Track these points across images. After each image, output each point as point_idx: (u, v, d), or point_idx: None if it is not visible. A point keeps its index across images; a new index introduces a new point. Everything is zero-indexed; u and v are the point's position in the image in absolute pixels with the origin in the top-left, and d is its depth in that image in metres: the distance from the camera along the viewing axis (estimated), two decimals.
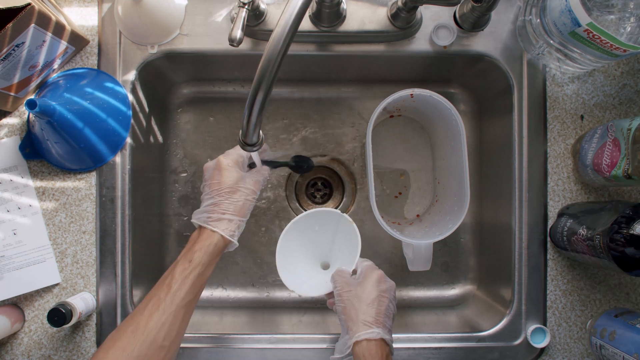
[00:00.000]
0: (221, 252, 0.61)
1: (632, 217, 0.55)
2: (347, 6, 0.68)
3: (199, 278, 0.58)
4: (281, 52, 0.45)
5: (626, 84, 0.70)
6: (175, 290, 0.56)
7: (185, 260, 0.58)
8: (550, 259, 0.70)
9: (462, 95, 0.84)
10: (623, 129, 0.59)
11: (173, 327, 0.55)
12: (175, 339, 0.55)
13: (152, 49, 0.70)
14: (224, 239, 0.60)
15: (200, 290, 0.59)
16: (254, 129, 0.51)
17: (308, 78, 0.83)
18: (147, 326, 0.53)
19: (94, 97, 0.67)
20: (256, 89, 0.46)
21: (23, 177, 0.69)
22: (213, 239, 0.60)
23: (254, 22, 0.68)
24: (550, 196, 0.70)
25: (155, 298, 0.56)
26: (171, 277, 0.57)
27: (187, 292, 0.56)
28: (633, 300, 0.70)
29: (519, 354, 0.69)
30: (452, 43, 0.69)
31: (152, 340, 0.53)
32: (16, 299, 0.69)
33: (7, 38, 0.57)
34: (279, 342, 0.70)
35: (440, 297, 0.84)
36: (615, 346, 0.62)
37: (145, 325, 0.53)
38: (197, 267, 0.58)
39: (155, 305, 0.55)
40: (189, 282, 0.57)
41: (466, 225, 0.84)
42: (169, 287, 0.56)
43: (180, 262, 0.58)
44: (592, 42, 0.57)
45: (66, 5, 0.71)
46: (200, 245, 0.59)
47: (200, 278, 0.58)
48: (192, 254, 0.59)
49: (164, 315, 0.54)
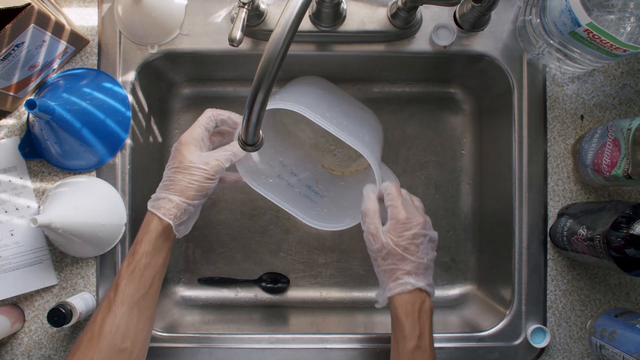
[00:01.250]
0: (168, 238, 0.57)
1: (632, 217, 0.55)
2: (347, 6, 0.68)
3: (147, 270, 0.54)
4: (281, 52, 0.45)
5: (626, 84, 0.70)
6: (123, 289, 0.53)
7: (130, 254, 0.55)
8: (550, 259, 0.70)
9: (462, 95, 0.84)
10: (623, 129, 0.59)
11: (130, 327, 0.52)
12: (136, 339, 0.53)
13: (152, 49, 0.70)
14: (162, 221, 0.55)
15: (155, 282, 0.55)
16: (254, 129, 0.51)
17: None
18: (102, 332, 0.51)
19: (94, 97, 0.67)
20: (256, 89, 0.46)
21: (22, 177, 0.69)
22: (153, 224, 0.55)
23: (254, 22, 0.68)
24: (550, 196, 0.70)
25: (106, 300, 0.53)
26: (118, 275, 0.54)
27: (137, 288, 0.53)
28: (633, 300, 0.70)
29: (519, 354, 0.69)
30: (452, 43, 0.69)
31: (110, 346, 0.51)
32: (16, 299, 0.69)
33: (6, 38, 0.57)
34: (279, 342, 0.69)
35: (440, 297, 0.84)
36: (615, 346, 0.62)
37: (99, 332, 0.51)
38: (141, 258, 0.54)
39: (106, 308, 0.52)
40: (137, 277, 0.53)
41: (466, 225, 0.84)
42: (116, 286, 0.53)
43: (126, 257, 0.55)
44: (592, 42, 0.57)
45: (66, 5, 0.70)
46: (142, 233, 0.55)
47: (148, 269, 0.54)
48: (135, 245, 0.55)
49: (116, 317, 0.52)
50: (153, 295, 0.55)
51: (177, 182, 0.56)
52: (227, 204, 0.84)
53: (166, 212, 0.55)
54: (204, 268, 0.84)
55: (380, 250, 0.56)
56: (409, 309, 0.54)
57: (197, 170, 0.57)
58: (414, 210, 0.58)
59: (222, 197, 0.84)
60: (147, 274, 0.54)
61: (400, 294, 0.55)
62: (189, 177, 0.57)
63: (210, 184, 0.58)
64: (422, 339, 0.54)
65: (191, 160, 0.57)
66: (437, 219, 0.84)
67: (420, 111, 0.85)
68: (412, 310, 0.54)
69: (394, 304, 0.55)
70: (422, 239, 0.56)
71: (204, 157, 0.58)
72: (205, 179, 0.57)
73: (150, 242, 0.55)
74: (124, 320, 0.52)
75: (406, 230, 0.56)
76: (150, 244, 0.55)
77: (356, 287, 0.84)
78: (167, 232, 0.56)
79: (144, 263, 0.54)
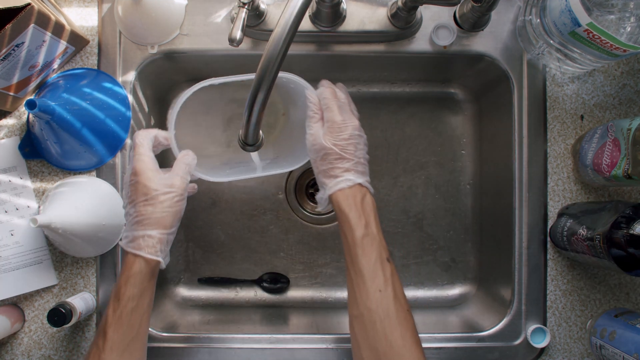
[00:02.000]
0: (153, 275, 0.55)
1: (632, 217, 0.55)
2: (347, 6, 0.68)
3: (134, 313, 0.52)
4: (281, 52, 0.45)
5: (626, 84, 0.70)
6: (111, 336, 0.51)
7: (115, 300, 0.53)
8: (550, 259, 0.70)
9: (462, 95, 0.84)
10: (623, 129, 0.59)
11: None
12: None
13: (152, 49, 0.70)
14: (148, 261, 0.53)
15: (143, 323, 0.54)
16: (254, 129, 0.51)
17: (308, 78, 0.83)
18: None
19: (94, 97, 0.67)
20: (256, 89, 0.46)
21: (22, 177, 0.69)
22: (137, 266, 0.53)
23: (254, 22, 0.68)
24: (550, 196, 0.70)
25: (95, 349, 0.52)
26: (104, 321, 0.52)
27: (125, 332, 0.52)
28: (633, 300, 0.70)
29: (519, 354, 0.69)
30: (452, 43, 0.69)
31: None
32: (16, 298, 0.69)
33: (6, 38, 0.57)
34: (278, 342, 0.69)
35: (440, 297, 0.84)
36: (615, 346, 0.62)
37: None
38: (127, 303, 0.52)
39: (95, 356, 0.51)
40: (125, 322, 0.52)
41: (466, 225, 0.84)
42: (104, 333, 0.52)
43: (111, 301, 0.53)
44: (592, 42, 0.57)
45: (66, 5, 0.70)
46: (126, 276, 0.53)
47: (136, 313, 0.53)
48: (118, 289, 0.53)
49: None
50: (142, 336, 0.54)
51: (149, 215, 0.54)
52: (227, 204, 0.84)
53: (150, 250, 0.53)
54: (203, 268, 0.84)
55: (319, 151, 0.58)
56: (352, 202, 0.55)
57: (166, 196, 0.55)
58: (349, 113, 0.60)
59: (222, 197, 0.84)
60: (134, 318, 0.52)
61: (341, 189, 0.56)
62: (161, 205, 0.54)
63: (183, 205, 0.57)
64: (369, 227, 0.54)
65: (156, 188, 0.55)
66: (437, 219, 0.85)
67: (420, 111, 0.85)
68: (354, 202, 0.55)
69: (336, 200, 0.56)
70: (357, 139, 0.58)
71: (166, 180, 0.56)
72: (177, 202, 0.56)
73: (135, 285, 0.53)
74: None
75: (342, 131, 0.57)
76: (136, 286, 0.53)
77: None
78: (153, 270, 0.55)
79: (130, 307, 0.52)
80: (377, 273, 0.52)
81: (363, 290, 0.52)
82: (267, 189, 0.84)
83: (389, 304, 0.51)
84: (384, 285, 0.52)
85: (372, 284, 0.52)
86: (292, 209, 0.84)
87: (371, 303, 0.51)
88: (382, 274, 0.53)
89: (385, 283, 0.52)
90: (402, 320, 0.51)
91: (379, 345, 0.50)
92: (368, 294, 0.52)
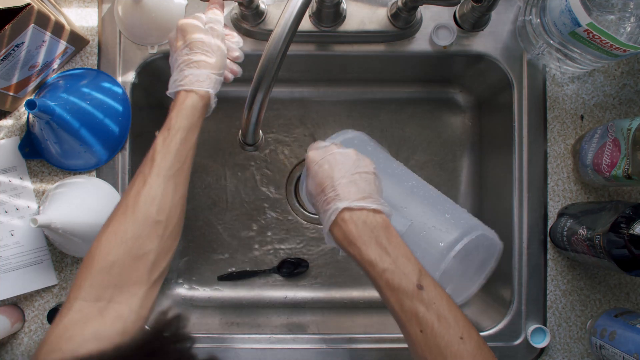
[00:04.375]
0: (203, 113, 0.56)
1: (632, 217, 0.55)
2: (347, 6, 0.68)
3: (183, 144, 0.53)
4: (281, 52, 0.45)
5: (626, 84, 0.70)
6: (159, 162, 0.51)
7: (165, 129, 0.53)
8: (550, 259, 0.70)
9: (462, 95, 0.84)
10: (623, 129, 0.59)
11: (165, 200, 0.51)
12: (170, 213, 0.52)
13: (152, 49, 0.70)
14: (200, 95, 0.55)
15: (188, 158, 0.54)
16: (253, 128, 0.51)
17: (308, 78, 0.83)
18: (137, 204, 0.50)
19: (94, 97, 0.67)
20: (256, 89, 0.47)
21: (22, 178, 0.69)
22: (189, 99, 0.54)
23: (254, 22, 0.68)
24: (550, 196, 0.70)
25: (141, 175, 0.52)
26: (153, 149, 0.53)
27: (173, 161, 0.52)
28: (633, 300, 0.70)
29: (519, 354, 0.69)
30: (452, 43, 0.69)
31: (145, 217, 0.49)
32: (16, 298, 0.69)
33: (6, 38, 0.57)
34: (278, 342, 0.69)
35: None
36: (615, 346, 0.62)
37: (134, 204, 0.50)
38: (177, 132, 0.53)
39: (141, 181, 0.51)
40: (173, 150, 0.52)
41: None
42: (152, 160, 0.52)
43: (160, 133, 0.53)
44: (592, 42, 0.57)
45: (66, 6, 0.70)
46: (177, 109, 0.54)
47: (184, 144, 0.53)
48: (170, 121, 0.54)
49: (152, 189, 0.50)
50: (187, 172, 0.54)
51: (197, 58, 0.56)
52: (227, 204, 0.84)
53: (202, 84, 0.55)
54: (204, 268, 0.84)
55: (308, 198, 0.56)
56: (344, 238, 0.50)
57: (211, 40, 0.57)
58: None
59: (222, 197, 0.84)
60: (182, 148, 0.53)
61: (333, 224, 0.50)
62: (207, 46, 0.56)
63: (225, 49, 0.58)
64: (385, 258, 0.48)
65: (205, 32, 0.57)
66: None
67: (420, 111, 0.85)
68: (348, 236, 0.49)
69: (335, 238, 0.51)
70: (326, 164, 0.53)
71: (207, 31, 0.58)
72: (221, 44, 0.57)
73: (187, 117, 0.54)
74: (160, 192, 0.51)
75: (310, 169, 0.53)
76: (187, 118, 0.54)
77: (356, 287, 0.84)
78: (204, 105, 0.56)
79: (180, 137, 0.53)
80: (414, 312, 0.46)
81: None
82: (267, 189, 0.84)
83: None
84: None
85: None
86: (291, 209, 0.85)
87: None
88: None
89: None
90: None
91: None
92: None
